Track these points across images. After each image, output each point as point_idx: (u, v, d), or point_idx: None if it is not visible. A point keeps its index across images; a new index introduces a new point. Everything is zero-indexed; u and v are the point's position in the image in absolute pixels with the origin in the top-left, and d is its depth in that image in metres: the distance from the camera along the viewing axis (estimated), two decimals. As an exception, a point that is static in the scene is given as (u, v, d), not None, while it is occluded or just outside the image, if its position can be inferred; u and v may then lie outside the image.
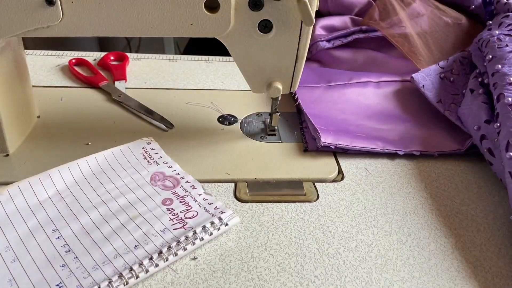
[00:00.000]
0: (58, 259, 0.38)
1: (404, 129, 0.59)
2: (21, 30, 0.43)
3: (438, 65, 0.65)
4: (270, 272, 0.40)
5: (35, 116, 0.58)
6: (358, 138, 0.55)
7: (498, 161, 0.50)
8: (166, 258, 0.39)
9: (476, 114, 0.54)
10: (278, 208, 0.47)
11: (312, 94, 0.65)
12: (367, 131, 0.58)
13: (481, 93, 0.56)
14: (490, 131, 0.52)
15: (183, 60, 0.77)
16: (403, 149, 0.55)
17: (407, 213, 0.47)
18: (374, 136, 0.57)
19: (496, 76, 0.54)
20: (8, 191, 0.43)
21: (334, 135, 0.55)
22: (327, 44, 0.75)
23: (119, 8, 0.44)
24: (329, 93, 0.67)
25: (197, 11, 0.44)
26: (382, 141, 0.56)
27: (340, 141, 0.54)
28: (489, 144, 0.51)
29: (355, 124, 0.60)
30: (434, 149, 0.56)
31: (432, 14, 0.74)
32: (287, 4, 0.45)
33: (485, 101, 0.55)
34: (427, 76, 0.63)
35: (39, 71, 0.70)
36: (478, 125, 0.53)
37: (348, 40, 0.75)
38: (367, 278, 0.40)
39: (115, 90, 0.65)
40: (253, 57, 0.49)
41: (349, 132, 0.57)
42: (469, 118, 0.55)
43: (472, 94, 0.57)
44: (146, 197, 0.45)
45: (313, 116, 0.58)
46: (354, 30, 0.75)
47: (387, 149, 0.55)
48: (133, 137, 0.53)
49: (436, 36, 0.73)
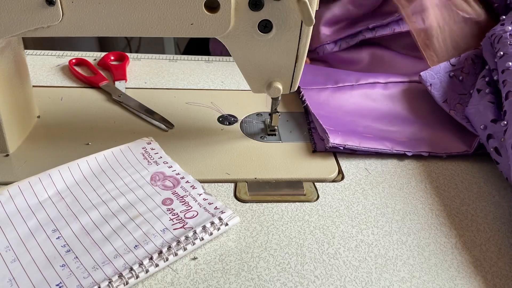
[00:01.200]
0: (58, 259, 0.38)
1: (412, 130, 0.59)
2: (21, 30, 0.43)
3: (449, 62, 0.64)
4: (270, 272, 0.40)
5: (35, 116, 0.58)
6: (366, 139, 0.55)
7: (504, 160, 0.50)
8: (166, 258, 0.39)
9: (483, 113, 0.54)
10: (278, 208, 0.47)
11: (319, 96, 0.65)
12: (375, 132, 0.58)
13: (488, 92, 0.56)
14: (497, 130, 0.51)
15: (183, 60, 0.77)
16: (412, 150, 0.55)
17: (407, 213, 0.47)
18: (382, 137, 0.57)
19: (506, 73, 0.54)
20: (8, 191, 0.43)
21: (343, 136, 0.54)
22: (334, 46, 0.74)
23: (119, 8, 0.44)
24: (337, 95, 0.66)
25: (197, 11, 0.44)
26: (391, 142, 0.56)
27: (349, 142, 0.54)
28: (495, 143, 0.51)
29: (363, 126, 0.60)
30: (442, 151, 0.55)
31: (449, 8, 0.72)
32: (287, 4, 0.45)
33: (492, 100, 0.55)
34: (436, 75, 0.63)
35: (39, 71, 0.70)
36: (484, 124, 0.53)
37: (355, 41, 0.74)
38: (367, 278, 0.40)
39: (115, 90, 0.65)
40: (253, 57, 0.49)
41: (357, 133, 0.57)
42: (476, 118, 0.55)
43: (479, 94, 0.57)
44: (146, 197, 0.45)
45: (321, 117, 0.58)
46: (361, 29, 0.73)
47: (395, 149, 0.55)
48: (133, 137, 0.53)
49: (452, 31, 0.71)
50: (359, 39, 0.74)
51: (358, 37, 0.74)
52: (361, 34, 0.74)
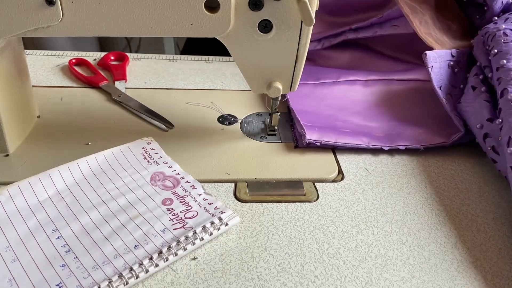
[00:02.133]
0: (58, 259, 0.38)
1: (390, 126, 0.60)
2: (21, 30, 0.43)
3: (451, 52, 0.64)
4: (270, 272, 0.40)
5: (35, 116, 0.58)
6: (343, 135, 0.56)
7: (502, 159, 0.50)
8: (166, 258, 0.39)
9: (479, 112, 0.54)
10: (278, 208, 0.47)
11: (300, 90, 0.65)
12: (354, 127, 0.59)
13: (484, 91, 0.56)
14: (493, 128, 0.52)
15: (183, 60, 0.77)
16: (388, 144, 0.55)
17: (407, 213, 0.47)
18: (360, 132, 0.57)
19: (500, 71, 0.54)
20: (8, 191, 0.43)
21: (320, 131, 0.55)
22: (317, 45, 0.76)
23: (119, 8, 0.44)
24: (318, 90, 0.67)
25: (197, 11, 0.44)
26: (368, 137, 0.56)
27: (326, 137, 0.55)
28: (493, 142, 0.51)
29: (342, 120, 0.61)
30: (419, 144, 0.56)
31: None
32: (287, 4, 0.45)
33: (488, 99, 0.55)
34: (439, 58, 0.62)
35: (39, 71, 0.70)
36: (481, 124, 0.53)
37: (337, 41, 0.75)
38: (367, 278, 0.40)
39: (115, 90, 0.65)
40: (253, 57, 0.49)
41: (335, 128, 0.57)
42: (472, 116, 0.55)
43: (474, 91, 0.57)
44: (146, 197, 0.45)
45: (300, 112, 0.59)
46: (344, 30, 0.75)
47: (372, 145, 0.55)
48: (133, 137, 0.53)
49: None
50: (341, 39, 0.75)
51: (341, 37, 0.75)
52: (344, 34, 0.75)
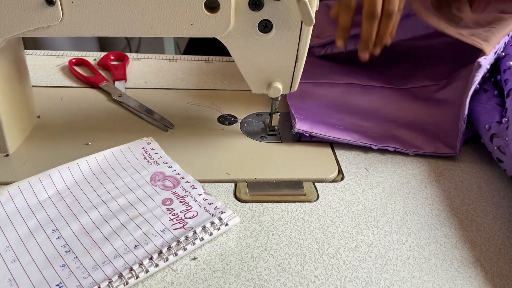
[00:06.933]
0: (58, 259, 0.38)
1: (385, 128, 0.60)
2: (21, 30, 0.44)
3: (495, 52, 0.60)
4: (270, 272, 0.40)
5: (35, 116, 0.58)
6: (334, 129, 0.56)
7: (508, 158, 0.50)
8: (166, 258, 0.39)
9: (490, 113, 0.55)
10: (278, 208, 0.47)
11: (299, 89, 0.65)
12: (348, 125, 0.59)
13: (496, 95, 0.57)
14: (501, 129, 0.52)
15: (183, 60, 0.77)
16: (378, 144, 0.55)
17: (407, 213, 0.47)
18: (352, 129, 0.57)
19: (507, 72, 0.56)
20: (8, 191, 0.43)
21: (311, 123, 0.56)
22: (322, 50, 0.75)
23: (119, 8, 0.44)
24: (317, 89, 0.67)
25: (197, 11, 0.44)
26: (359, 134, 0.56)
27: (315, 129, 0.55)
28: (500, 142, 0.52)
29: (337, 118, 0.60)
30: (409, 148, 0.56)
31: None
32: (287, 4, 0.45)
33: (500, 103, 0.56)
34: (488, 65, 0.59)
35: (39, 71, 0.70)
36: (489, 125, 0.54)
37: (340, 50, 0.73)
38: (367, 278, 0.40)
39: (115, 90, 0.65)
40: (253, 57, 0.49)
41: (329, 124, 0.57)
42: (482, 116, 0.56)
43: (486, 93, 0.58)
44: (146, 197, 0.45)
45: (297, 108, 0.59)
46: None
47: (361, 142, 0.55)
48: (133, 137, 0.53)
49: None
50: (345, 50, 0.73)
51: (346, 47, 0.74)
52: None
